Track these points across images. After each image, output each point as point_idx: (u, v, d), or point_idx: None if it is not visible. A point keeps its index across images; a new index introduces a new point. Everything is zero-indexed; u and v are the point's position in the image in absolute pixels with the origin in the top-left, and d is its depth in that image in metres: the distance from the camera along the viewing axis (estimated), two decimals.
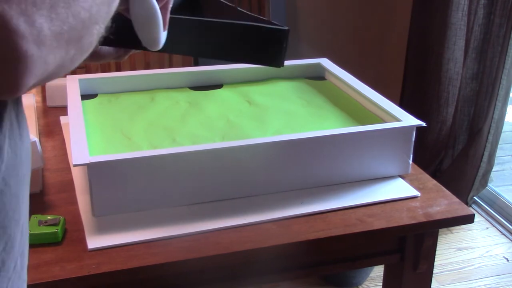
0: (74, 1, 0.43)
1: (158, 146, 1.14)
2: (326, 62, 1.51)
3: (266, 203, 1.09)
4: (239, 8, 0.95)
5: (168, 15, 0.76)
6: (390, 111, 1.22)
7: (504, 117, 2.37)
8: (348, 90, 1.40)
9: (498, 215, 2.49)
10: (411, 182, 1.18)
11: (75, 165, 0.98)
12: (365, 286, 2.09)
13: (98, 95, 1.37)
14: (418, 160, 1.30)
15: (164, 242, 0.98)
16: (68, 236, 0.99)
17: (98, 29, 0.48)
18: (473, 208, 2.55)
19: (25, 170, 0.52)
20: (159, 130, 1.20)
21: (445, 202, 1.12)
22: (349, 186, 1.15)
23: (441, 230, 1.19)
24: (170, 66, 2.60)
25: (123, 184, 1.02)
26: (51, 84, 1.49)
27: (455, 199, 1.13)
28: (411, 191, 1.15)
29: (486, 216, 2.51)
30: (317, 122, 1.25)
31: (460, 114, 2.39)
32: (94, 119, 1.24)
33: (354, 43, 3.17)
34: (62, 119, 1.42)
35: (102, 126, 1.21)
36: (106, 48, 0.78)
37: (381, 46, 3.14)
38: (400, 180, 1.19)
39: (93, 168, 1.00)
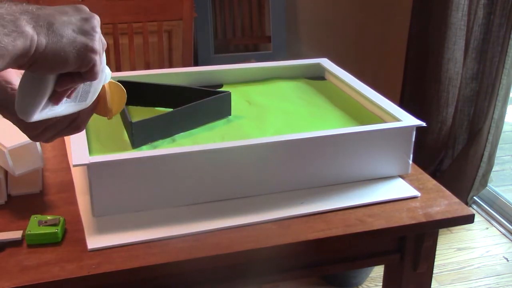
0: None
1: (158, 146, 1.14)
2: (326, 62, 1.51)
3: (266, 203, 1.09)
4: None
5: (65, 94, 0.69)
6: (390, 111, 1.22)
7: (504, 117, 2.37)
8: (348, 90, 1.40)
9: (498, 215, 2.49)
10: (411, 182, 1.18)
11: (75, 165, 0.98)
12: (365, 286, 2.09)
13: None
14: (418, 160, 1.30)
15: (164, 242, 0.98)
16: (68, 236, 0.99)
17: None
18: (473, 208, 2.54)
19: None
20: None
21: (445, 202, 1.12)
22: (349, 186, 1.15)
23: (441, 230, 1.19)
24: (170, 66, 2.60)
25: (123, 184, 1.02)
26: None
27: (455, 199, 1.13)
28: (411, 191, 1.14)
29: (486, 216, 2.51)
30: (317, 122, 1.25)
31: (460, 114, 2.39)
32: (94, 119, 1.24)
33: (354, 43, 3.17)
34: None
35: (101, 126, 1.21)
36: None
37: (381, 46, 3.14)
38: (400, 180, 1.18)
39: (93, 168, 1.00)
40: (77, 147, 1.03)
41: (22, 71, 0.67)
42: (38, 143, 1.09)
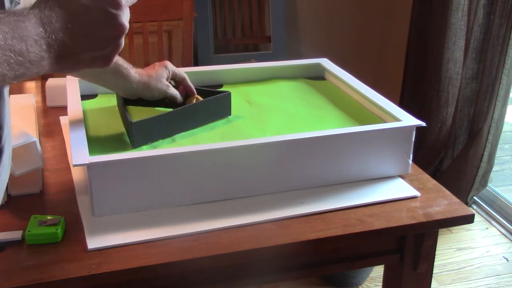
0: None
1: (158, 146, 1.14)
2: (326, 62, 1.51)
3: (266, 203, 1.09)
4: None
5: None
6: (390, 111, 1.22)
7: (504, 117, 2.37)
8: (348, 90, 1.40)
9: (498, 215, 2.49)
10: (411, 182, 1.18)
11: (75, 165, 0.98)
12: (365, 286, 2.09)
13: (98, 95, 1.37)
14: (418, 160, 1.30)
15: (164, 242, 0.98)
16: (68, 236, 0.99)
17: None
18: (473, 208, 2.55)
19: None
20: None
21: (445, 202, 1.12)
22: (349, 186, 1.15)
23: (441, 230, 1.19)
24: None
25: (123, 184, 1.02)
26: (51, 84, 1.49)
27: (455, 199, 1.13)
28: (411, 191, 1.15)
29: (486, 216, 2.51)
30: (317, 122, 1.25)
31: (460, 114, 2.39)
32: (94, 119, 1.24)
33: (354, 43, 3.17)
34: (62, 119, 1.42)
35: (101, 126, 1.21)
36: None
37: (381, 46, 3.15)
38: (400, 180, 1.19)
39: (93, 168, 1.00)
40: (77, 147, 1.03)
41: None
42: (37, 143, 1.09)
